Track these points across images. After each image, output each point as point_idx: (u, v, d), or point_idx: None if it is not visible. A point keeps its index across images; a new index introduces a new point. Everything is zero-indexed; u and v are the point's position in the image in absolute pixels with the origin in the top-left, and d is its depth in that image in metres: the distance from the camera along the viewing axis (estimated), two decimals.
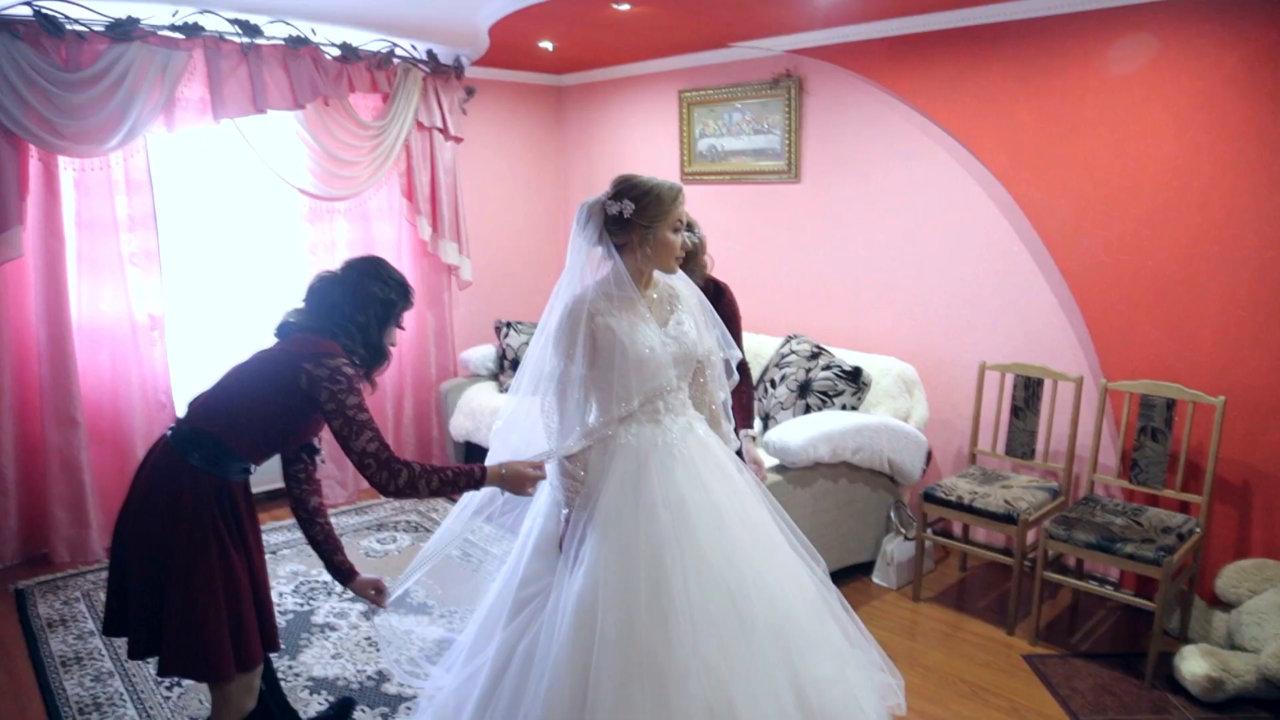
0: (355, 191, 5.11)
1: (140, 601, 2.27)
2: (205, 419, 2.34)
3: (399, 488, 2.35)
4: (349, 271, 2.50)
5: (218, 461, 2.30)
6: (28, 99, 3.93)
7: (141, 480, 2.35)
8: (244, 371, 2.42)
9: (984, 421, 4.22)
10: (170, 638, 2.24)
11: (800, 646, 2.41)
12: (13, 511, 4.30)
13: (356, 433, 2.31)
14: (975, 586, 4.19)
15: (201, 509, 2.26)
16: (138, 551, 2.28)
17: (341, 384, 2.30)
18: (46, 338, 4.21)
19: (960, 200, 4.31)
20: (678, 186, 2.47)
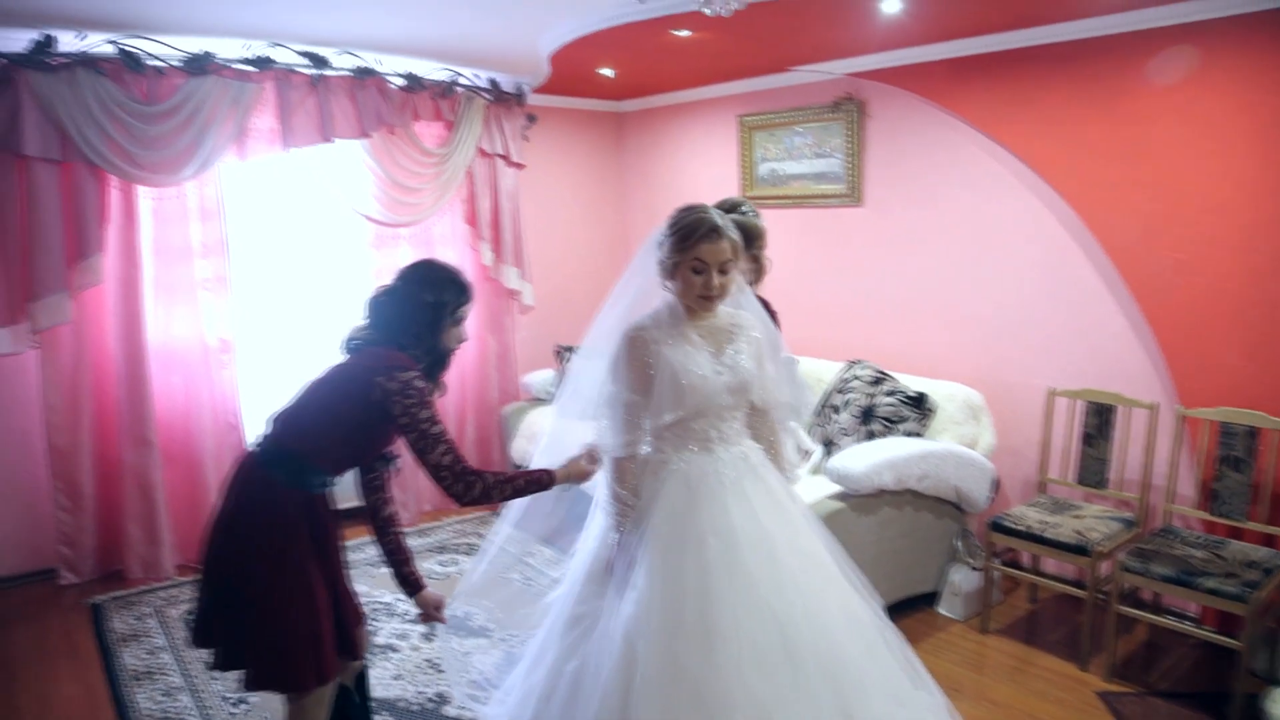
0: (419, 218, 5.20)
1: (226, 614, 2.33)
2: (286, 435, 2.39)
3: (474, 498, 2.37)
4: (399, 280, 2.51)
5: (299, 476, 2.35)
6: (110, 132, 4.09)
7: (228, 495, 2.41)
8: (320, 388, 2.45)
9: (1053, 449, 4.11)
10: (253, 651, 2.30)
11: (852, 683, 2.35)
12: (90, 528, 4.44)
13: (431, 446, 2.33)
14: (1046, 619, 4.06)
15: (284, 523, 2.31)
16: (225, 565, 2.34)
17: (413, 398, 2.32)
18: (123, 361, 4.35)
19: (1026, 222, 4.22)
20: (704, 226, 2.38)
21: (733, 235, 2.42)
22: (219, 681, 3.50)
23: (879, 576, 2.84)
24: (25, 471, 4.37)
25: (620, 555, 2.45)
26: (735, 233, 2.44)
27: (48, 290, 4.09)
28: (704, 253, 2.38)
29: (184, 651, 3.75)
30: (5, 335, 4.09)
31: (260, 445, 2.42)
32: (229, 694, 3.42)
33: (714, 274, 2.39)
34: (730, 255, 2.40)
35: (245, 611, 2.29)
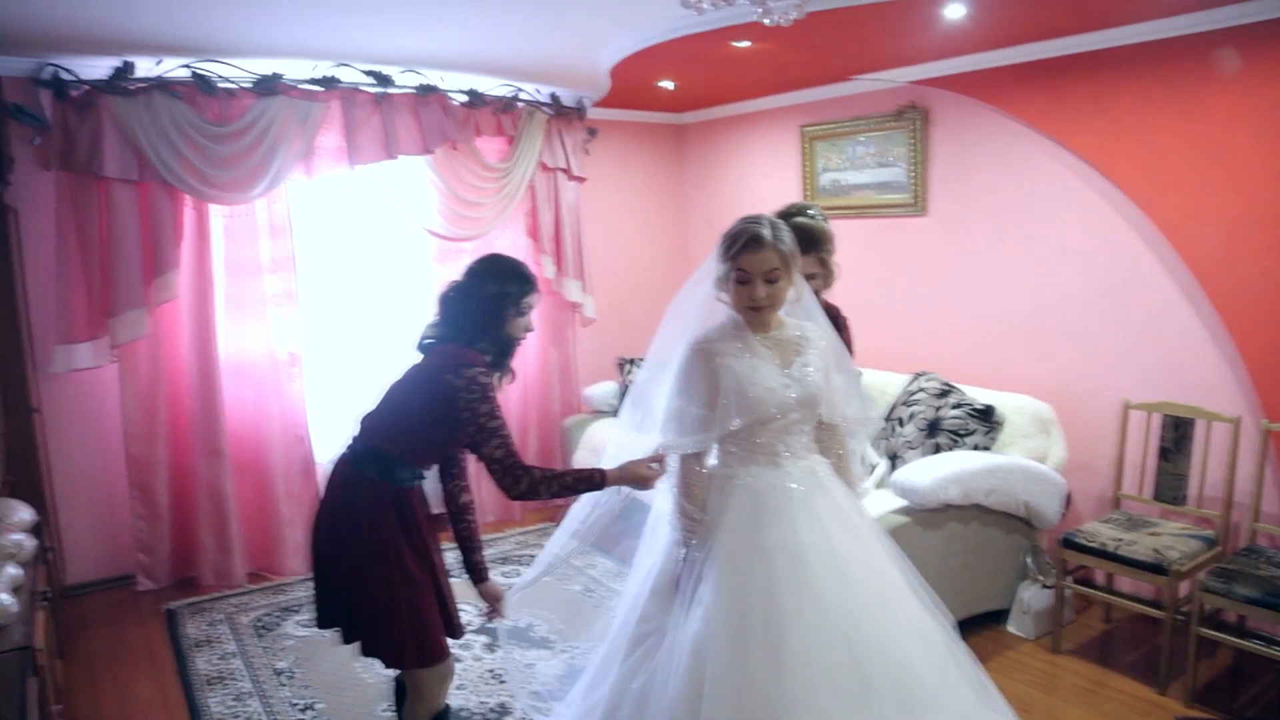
0: (482, 232, 5.26)
1: (340, 599, 2.51)
2: (373, 436, 2.52)
3: (521, 492, 2.43)
4: (465, 275, 2.59)
5: (390, 472, 2.48)
6: (184, 152, 4.23)
7: (327, 494, 2.57)
8: (400, 389, 2.57)
9: (1128, 464, 3.98)
10: (363, 630, 2.48)
11: (922, 704, 2.29)
12: (165, 536, 4.57)
13: (486, 439, 2.40)
14: (1121, 640, 3.93)
15: (379, 517, 2.45)
16: (332, 558, 2.50)
17: (475, 393, 2.40)
18: (196, 374, 4.48)
19: (1097, 230, 4.10)
20: (745, 235, 2.35)
21: (783, 245, 2.37)
22: (287, 688, 3.57)
23: (945, 593, 2.76)
24: (106, 481, 4.52)
25: (686, 571, 2.43)
26: (788, 243, 2.39)
27: (126, 306, 4.24)
28: (747, 262, 2.35)
29: (253, 658, 3.83)
30: (86, 350, 4.24)
31: (350, 446, 2.56)
32: (297, 700, 3.48)
33: (759, 284, 2.35)
34: (777, 264, 2.35)
35: (353, 597, 2.47)
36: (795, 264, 2.42)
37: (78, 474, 4.46)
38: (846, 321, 3.16)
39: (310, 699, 3.50)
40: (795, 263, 2.42)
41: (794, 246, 2.41)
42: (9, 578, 2.59)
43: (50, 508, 4.03)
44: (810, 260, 2.95)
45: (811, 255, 2.94)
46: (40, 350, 4.22)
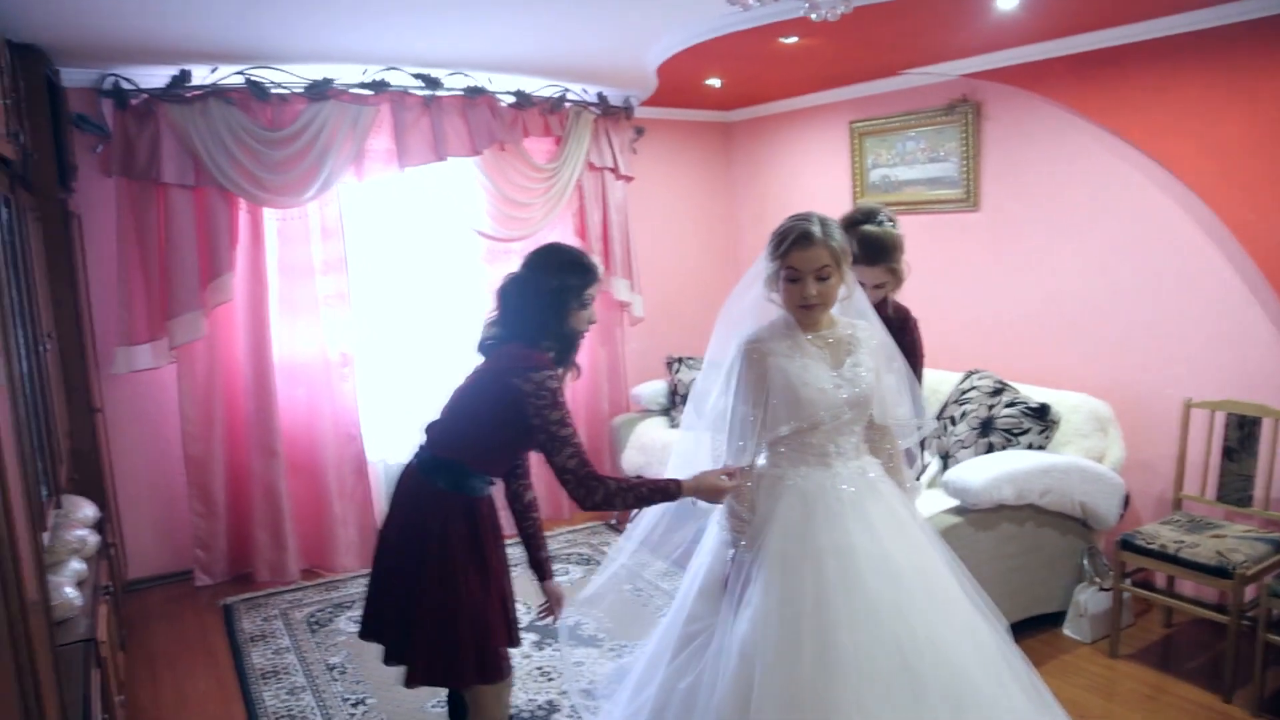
0: (530, 232, 5.29)
1: (395, 614, 2.43)
2: (442, 446, 2.46)
3: (595, 504, 2.36)
4: (523, 267, 2.51)
5: (461, 482, 2.42)
6: (238, 157, 4.31)
7: (395, 505, 2.52)
8: (466, 395, 2.49)
9: (1190, 464, 3.87)
10: (419, 650, 2.39)
11: (976, 709, 2.25)
12: (222, 533, 4.67)
13: (558, 448, 2.33)
14: (1182, 645, 3.82)
15: (449, 529, 2.39)
16: (397, 569, 2.43)
17: (545, 399, 2.32)
18: (251, 374, 4.56)
19: (1157, 223, 3.99)
20: (794, 232, 2.32)
21: (833, 242, 2.33)
22: (339, 683, 3.62)
23: (998, 595, 2.71)
24: (166, 479, 4.64)
25: (735, 572, 2.42)
26: (838, 239, 2.35)
27: (184, 308, 4.34)
28: (796, 260, 2.32)
29: (307, 653, 3.90)
30: (146, 351, 4.35)
31: (417, 455, 2.51)
32: (349, 695, 3.53)
33: (810, 282, 2.32)
34: (827, 261, 2.32)
35: (414, 611, 2.38)
36: (846, 261, 2.38)
37: (138, 472, 4.58)
38: (916, 323, 3.10)
39: (361, 694, 3.55)
40: (846, 260, 2.38)
41: (845, 243, 2.38)
42: (73, 572, 2.65)
43: (112, 505, 4.13)
44: (879, 271, 2.89)
45: (880, 266, 2.89)
46: (102, 352, 4.34)
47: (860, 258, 2.82)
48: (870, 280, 2.90)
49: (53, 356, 3.32)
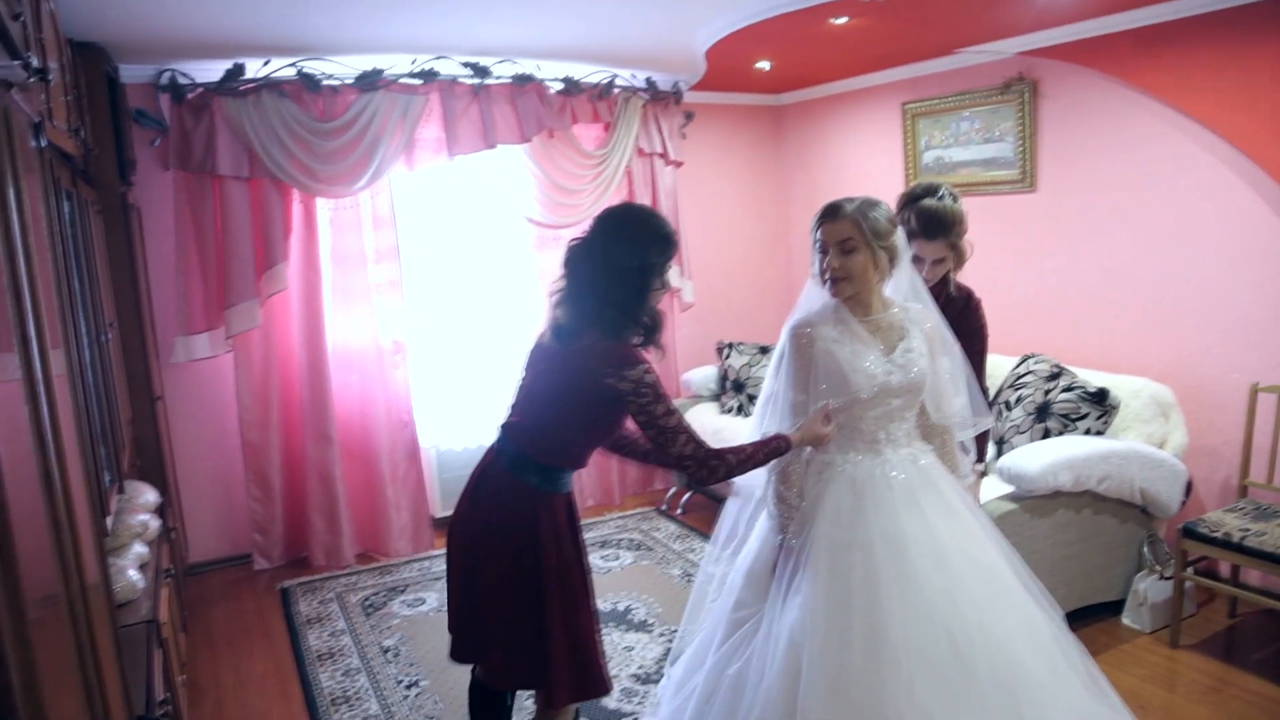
0: (579, 219, 5.28)
1: (484, 622, 2.35)
2: (530, 445, 2.36)
3: (719, 480, 2.32)
4: (598, 236, 2.31)
5: (553, 479, 2.36)
6: (291, 149, 4.38)
7: (485, 501, 2.39)
8: (548, 392, 2.37)
9: (1257, 450, 3.75)
10: (515, 658, 2.33)
11: (1030, 700, 2.21)
12: (279, 518, 4.77)
13: (670, 440, 2.26)
14: (1248, 636, 3.71)
15: (560, 528, 2.36)
16: (492, 571, 2.33)
17: (646, 395, 2.23)
18: (306, 362, 4.64)
19: (1223, 202, 3.86)
20: (824, 208, 2.36)
21: (862, 219, 2.32)
22: (393, 665, 3.68)
23: (1055, 583, 2.67)
24: (224, 465, 4.75)
25: (784, 558, 2.40)
26: (870, 218, 2.33)
27: (240, 298, 4.42)
28: (824, 232, 2.35)
29: (361, 635, 3.97)
30: (204, 340, 4.45)
31: (504, 453, 2.39)
32: (402, 677, 3.59)
33: (833, 254, 2.33)
34: (850, 234, 2.31)
35: (507, 619, 2.31)
36: (879, 240, 2.34)
37: (197, 458, 4.70)
38: (980, 303, 3.05)
39: (415, 676, 3.61)
40: (879, 240, 2.34)
41: (881, 225, 2.35)
42: (136, 555, 2.73)
43: (173, 490, 4.24)
44: (939, 245, 2.85)
45: (940, 241, 2.84)
46: (162, 342, 4.44)
47: (918, 232, 2.81)
48: (929, 255, 2.86)
49: (115, 346, 3.41)
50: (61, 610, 1.16)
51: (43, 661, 0.95)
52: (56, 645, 1.08)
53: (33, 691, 0.90)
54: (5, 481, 0.91)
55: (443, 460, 5.25)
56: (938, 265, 2.88)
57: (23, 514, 0.97)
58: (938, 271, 2.90)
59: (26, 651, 0.90)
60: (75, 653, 1.19)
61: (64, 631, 1.15)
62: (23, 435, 1.08)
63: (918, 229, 2.82)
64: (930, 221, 2.82)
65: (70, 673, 1.15)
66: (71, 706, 1.13)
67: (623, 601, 4.16)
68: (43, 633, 0.99)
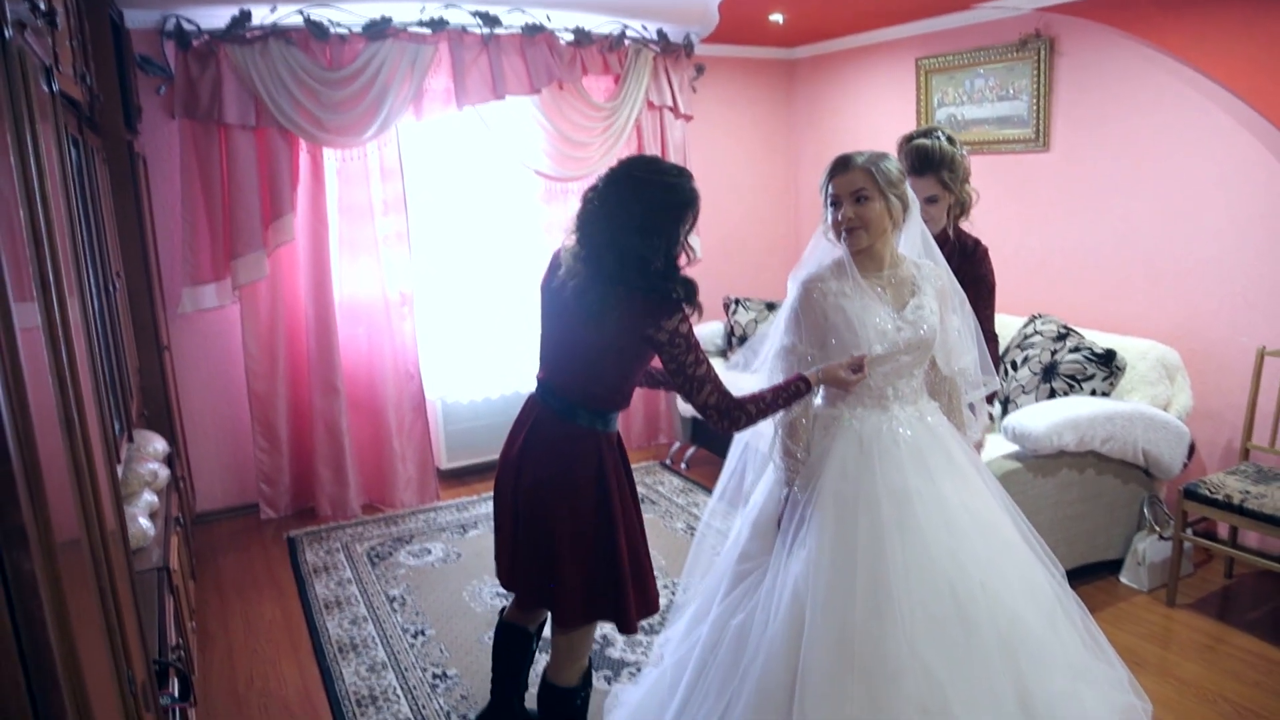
0: (588, 172, 5.25)
1: (578, 567, 2.39)
2: (578, 395, 2.39)
3: (741, 429, 2.37)
4: (614, 195, 2.28)
5: (605, 418, 2.42)
6: (299, 98, 4.33)
7: (542, 450, 2.41)
8: (586, 350, 2.36)
9: (1261, 414, 3.76)
10: (626, 594, 2.40)
11: (1030, 655, 2.24)
12: (286, 469, 4.80)
13: (698, 389, 2.31)
14: (1243, 596, 3.75)
15: (618, 463, 2.45)
16: (564, 522, 2.37)
17: (680, 345, 2.28)
18: (313, 314, 4.64)
19: (1240, 165, 3.82)
20: (834, 161, 2.35)
21: (875, 168, 2.31)
22: (399, 614, 3.74)
23: (1056, 541, 2.70)
24: (231, 416, 4.78)
25: (789, 511, 2.42)
26: (883, 168, 2.33)
27: (247, 249, 4.41)
28: (836, 185, 2.34)
29: (368, 585, 4.02)
30: (211, 291, 4.45)
31: (549, 402, 2.42)
32: (408, 626, 3.64)
33: (847, 204, 2.32)
34: (863, 184, 2.31)
35: (570, 556, 2.37)
36: (892, 189, 2.33)
37: (205, 409, 4.72)
38: (987, 251, 3.05)
39: (421, 625, 3.66)
40: (892, 188, 2.34)
41: (893, 174, 2.34)
42: (146, 504, 2.76)
43: (181, 440, 4.27)
44: (930, 182, 2.86)
45: (930, 177, 2.86)
46: (169, 292, 4.44)
47: (910, 169, 2.83)
48: (921, 193, 2.85)
49: (122, 296, 3.40)
50: (84, 555, 1.17)
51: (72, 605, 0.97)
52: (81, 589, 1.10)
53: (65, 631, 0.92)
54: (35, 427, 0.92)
55: (449, 413, 5.27)
56: (931, 205, 2.89)
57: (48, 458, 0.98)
58: (932, 214, 2.90)
59: (58, 592, 0.92)
60: (98, 597, 1.21)
61: (88, 576, 1.17)
62: (45, 382, 1.09)
63: (907, 166, 2.86)
64: (918, 156, 2.86)
65: (94, 617, 1.17)
66: (97, 650, 1.15)
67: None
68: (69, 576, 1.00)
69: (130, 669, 1.31)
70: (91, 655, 1.07)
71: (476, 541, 4.44)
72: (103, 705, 1.08)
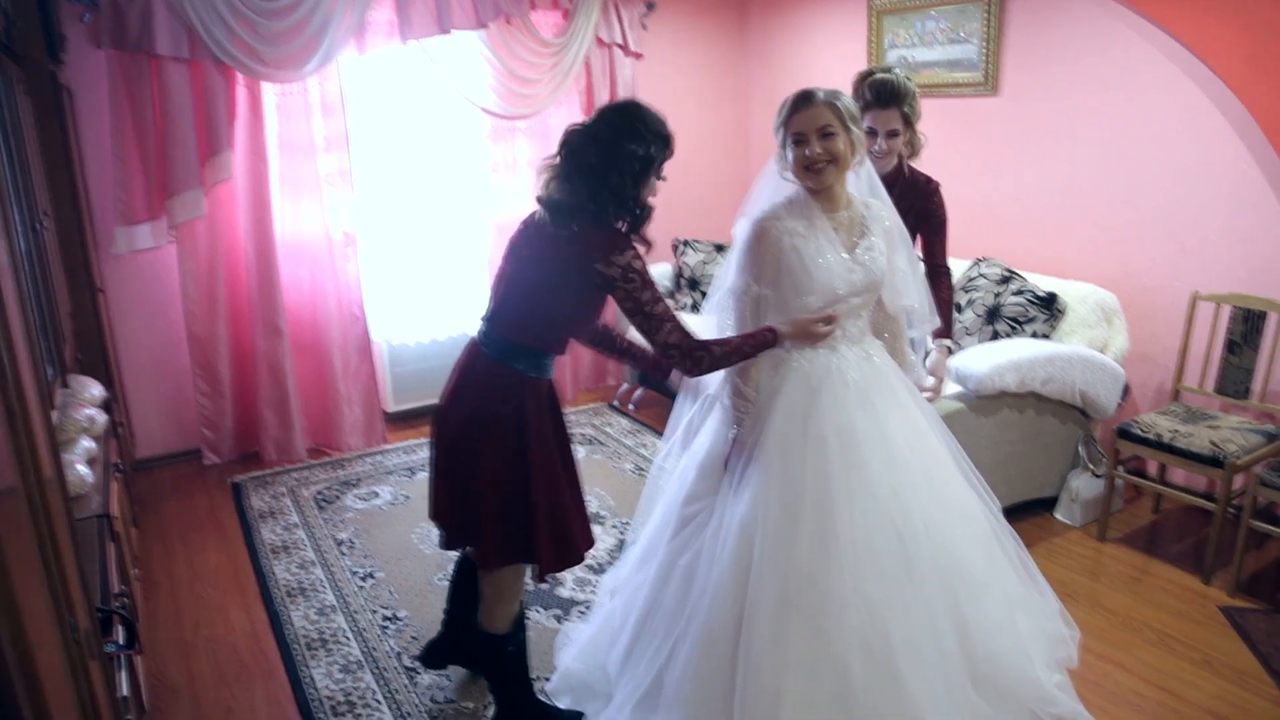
0: (536, 109, 5.16)
1: (465, 498, 2.40)
2: (514, 330, 2.37)
3: (703, 371, 2.32)
4: (603, 128, 2.31)
5: (538, 364, 2.38)
6: (235, 29, 4.17)
7: (474, 395, 2.40)
8: (538, 281, 2.35)
9: (1192, 356, 3.88)
10: (498, 535, 2.37)
11: (968, 589, 2.33)
12: (229, 412, 4.73)
13: (656, 326, 2.27)
14: (1168, 530, 3.91)
15: (543, 412, 2.39)
16: (467, 452, 2.38)
17: (635, 281, 2.24)
18: (254, 254, 4.53)
19: (1182, 113, 3.88)
20: (795, 95, 2.32)
21: (837, 102, 2.30)
22: (348, 557, 3.73)
23: (997, 479, 2.78)
24: (171, 359, 4.66)
25: (737, 452, 2.44)
26: (844, 101, 2.32)
27: (183, 186, 4.27)
28: (799, 122, 2.30)
29: (315, 529, 4.00)
30: (146, 230, 4.31)
31: (488, 341, 2.40)
32: (357, 569, 3.64)
33: (813, 141, 2.29)
34: (830, 120, 2.28)
35: (491, 496, 2.36)
36: (855, 124, 2.33)
37: (143, 352, 4.60)
38: (938, 187, 3.11)
39: (370, 568, 3.66)
40: (855, 123, 2.33)
41: (854, 109, 2.34)
42: (84, 450, 2.69)
43: (119, 385, 4.16)
44: (893, 115, 2.91)
45: (894, 109, 2.91)
46: (102, 232, 4.29)
47: (873, 102, 2.89)
48: (883, 125, 2.93)
49: (51, 236, 3.28)
50: (21, 503, 1.15)
51: (10, 554, 0.95)
52: (19, 538, 1.08)
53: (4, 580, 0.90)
54: None
55: (395, 354, 5.21)
56: (892, 139, 2.93)
57: None
58: (892, 147, 2.96)
59: None
60: (36, 546, 1.19)
61: (25, 525, 1.14)
62: None
63: (872, 99, 2.90)
64: (883, 89, 2.90)
65: (34, 566, 1.15)
66: (38, 599, 1.13)
67: None
68: (6, 525, 0.98)
69: (73, 617, 1.29)
70: (32, 604, 1.05)
71: (425, 484, 4.41)
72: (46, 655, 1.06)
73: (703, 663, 2.30)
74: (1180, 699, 2.78)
